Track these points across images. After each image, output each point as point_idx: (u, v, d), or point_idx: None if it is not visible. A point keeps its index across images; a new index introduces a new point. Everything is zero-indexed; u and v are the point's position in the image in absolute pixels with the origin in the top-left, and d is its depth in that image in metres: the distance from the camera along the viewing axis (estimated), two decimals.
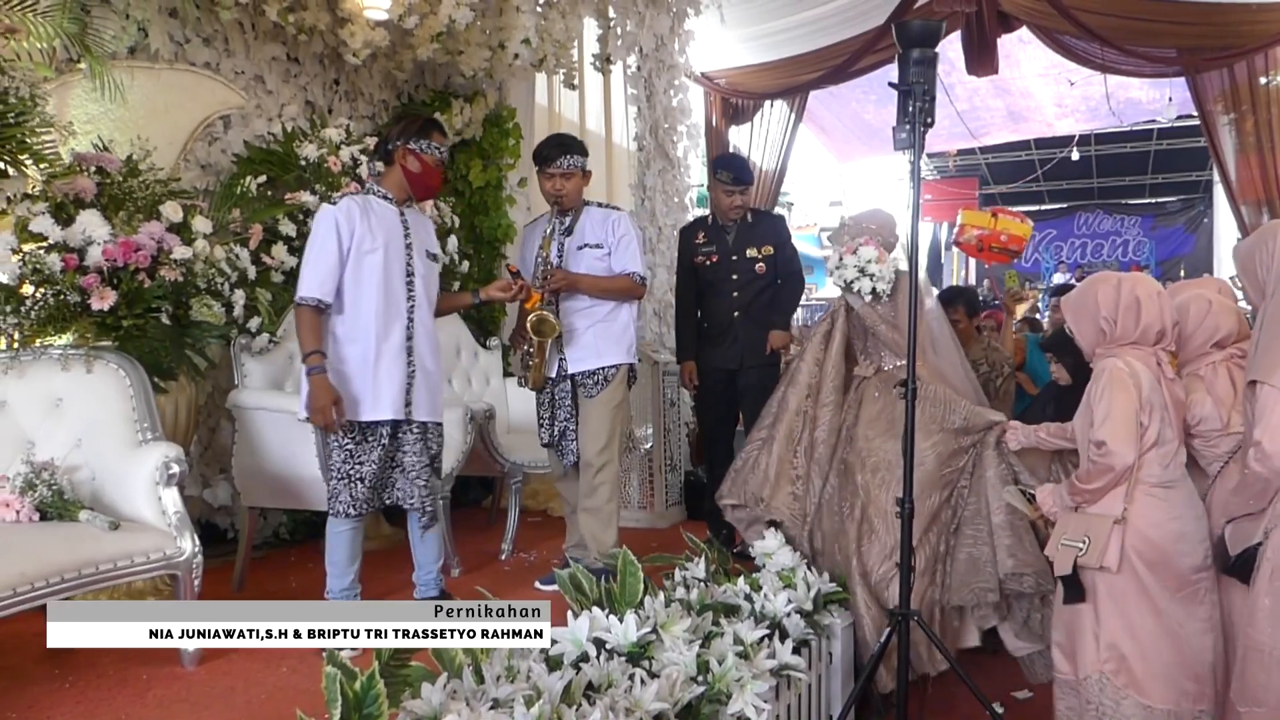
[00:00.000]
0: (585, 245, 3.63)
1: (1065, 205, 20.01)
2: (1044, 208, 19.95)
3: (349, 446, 3.06)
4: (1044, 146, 15.87)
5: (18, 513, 2.74)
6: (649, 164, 6.17)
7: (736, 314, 4.19)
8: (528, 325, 3.48)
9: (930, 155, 16.03)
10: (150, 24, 4.07)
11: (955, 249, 16.11)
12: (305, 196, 4.09)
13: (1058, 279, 16.19)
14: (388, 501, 3.21)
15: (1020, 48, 8.64)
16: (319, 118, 4.78)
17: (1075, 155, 15.85)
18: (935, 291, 3.98)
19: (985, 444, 3.14)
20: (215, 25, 4.36)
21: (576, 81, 5.69)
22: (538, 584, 3.79)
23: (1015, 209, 13.96)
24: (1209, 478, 2.51)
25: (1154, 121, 12.97)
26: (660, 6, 5.38)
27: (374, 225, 3.06)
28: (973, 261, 19.12)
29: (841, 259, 3.38)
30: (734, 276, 4.21)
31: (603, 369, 3.63)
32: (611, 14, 5.49)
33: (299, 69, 4.88)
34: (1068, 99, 10.81)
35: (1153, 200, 19.46)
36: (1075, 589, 2.48)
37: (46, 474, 2.83)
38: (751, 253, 4.22)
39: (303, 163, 4.27)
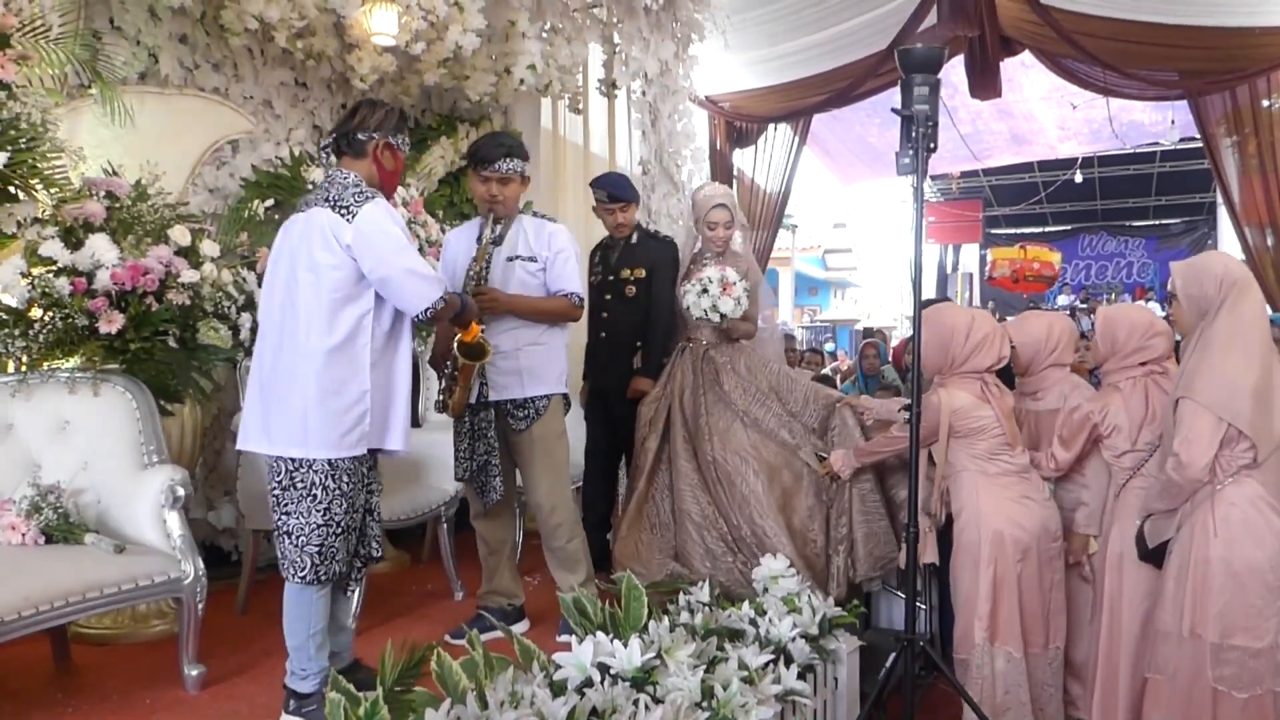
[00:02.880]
0: (516, 258, 3.29)
1: (1069, 227, 20.07)
2: (1047, 230, 20.02)
3: (351, 493, 2.62)
4: (1047, 169, 15.95)
5: (24, 535, 2.75)
6: (654, 188, 6.20)
7: (603, 335, 4.06)
8: (455, 349, 3.08)
9: (933, 178, 16.10)
10: (160, 50, 4.11)
11: (989, 285, 16.23)
12: None
13: (1062, 301, 16.22)
14: (362, 552, 2.78)
15: (1023, 71, 8.69)
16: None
17: (1078, 178, 15.92)
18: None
19: (845, 423, 3.56)
20: (224, 51, 4.40)
21: (581, 106, 5.73)
22: (560, 638, 3.15)
23: (1016, 231, 14.05)
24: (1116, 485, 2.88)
25: (1157, 144, 13.02)
26: (665, 32, 5.43)
27: None
28: (977, 285, 19.18)
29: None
30: (606, 297, 4.07)
31: (532, 400, 3.30)
32: (616, 40, 5.54)
33: (307, 94, 4.92)
34: (1070, 122, 10.86)
35: (1156, 222, 19.52)
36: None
37: (53, 497, 2.84)
38: (625, 273, 4.04)
39: (310, 186, 4.30)
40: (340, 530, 2.60)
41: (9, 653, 2.86)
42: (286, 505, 2.56)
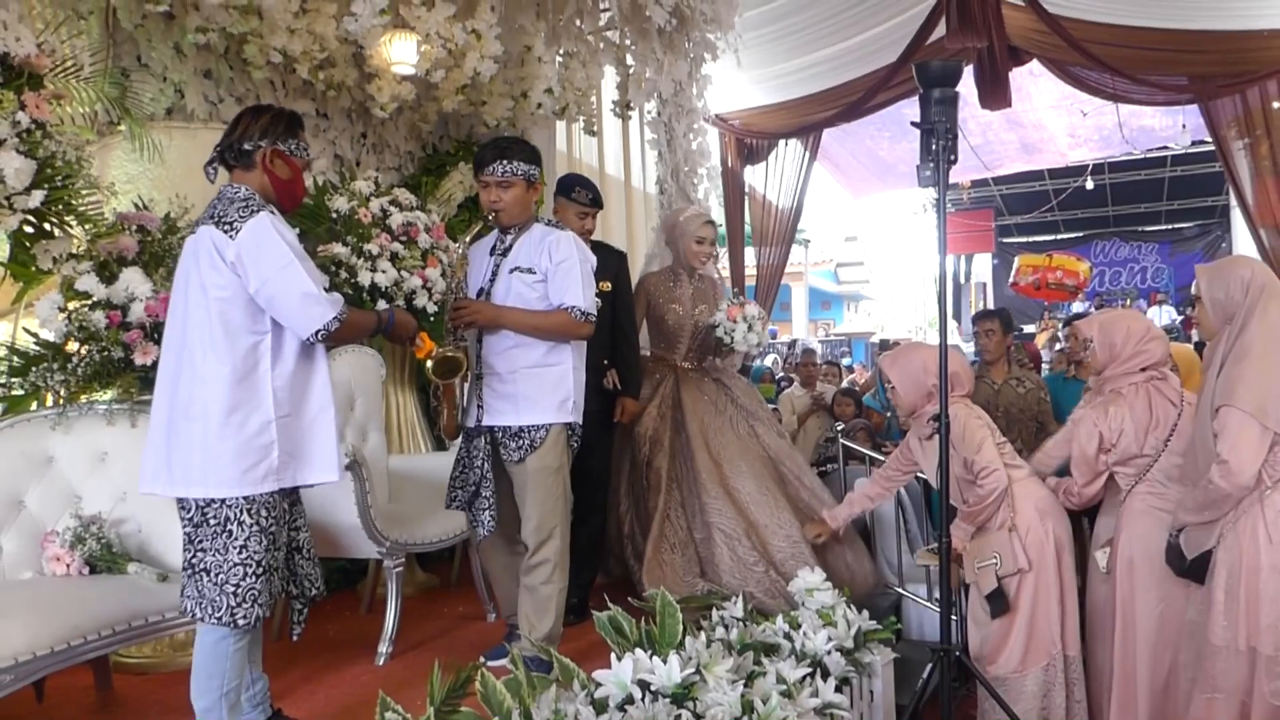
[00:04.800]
0: (516, 269, 3.02)
1: (1081, 234, 20.03)
2: (1060, 237, 19.98)
3: (271, 529, 2.40)
4: (1058, 176, 15.94)
5: (68, 566, 2.80)
6: (670, 207, 6.25)
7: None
8: (429, 367, 2.89)
9: None
10: (186, 85, 4.19)
11: (1013, 291, 16.23)
12: (337, 248, 4.17)
13: (1076, 308, 16.16)
14: (296, 591, 2.60)
15: (1031, 80, 8.72)
16: (348, 170, 4.88)
17: (1090, 184, 15.91)
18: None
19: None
20: (248, 84, 4.48)
21: (596, 128, 5.79)
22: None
23: (1029, 239, 14.08)
24: (1120, 491, 2.91)
25: (1168, 148, 13.02)
26: (678, 52, 5.48)
27: None
28: (990, 295, 19.15)
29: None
30: None
31: (526, 429, 2.98)
32: (630, 61, 5.60)
33: (328, 124, 4.99)
34: (1080, 129, 10.87)
35: (1170, 226, 19.46)
36: (1001, 602, 2.97)
37: (95, 527, 2.89)
38: None
39: (334, 215, 4.36)
40: (260, 570, 2.36)
41: (54, 682, 2.88)
42: (200, 542, 2.36)
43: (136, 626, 2.68)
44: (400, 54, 4.41)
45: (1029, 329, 14.98)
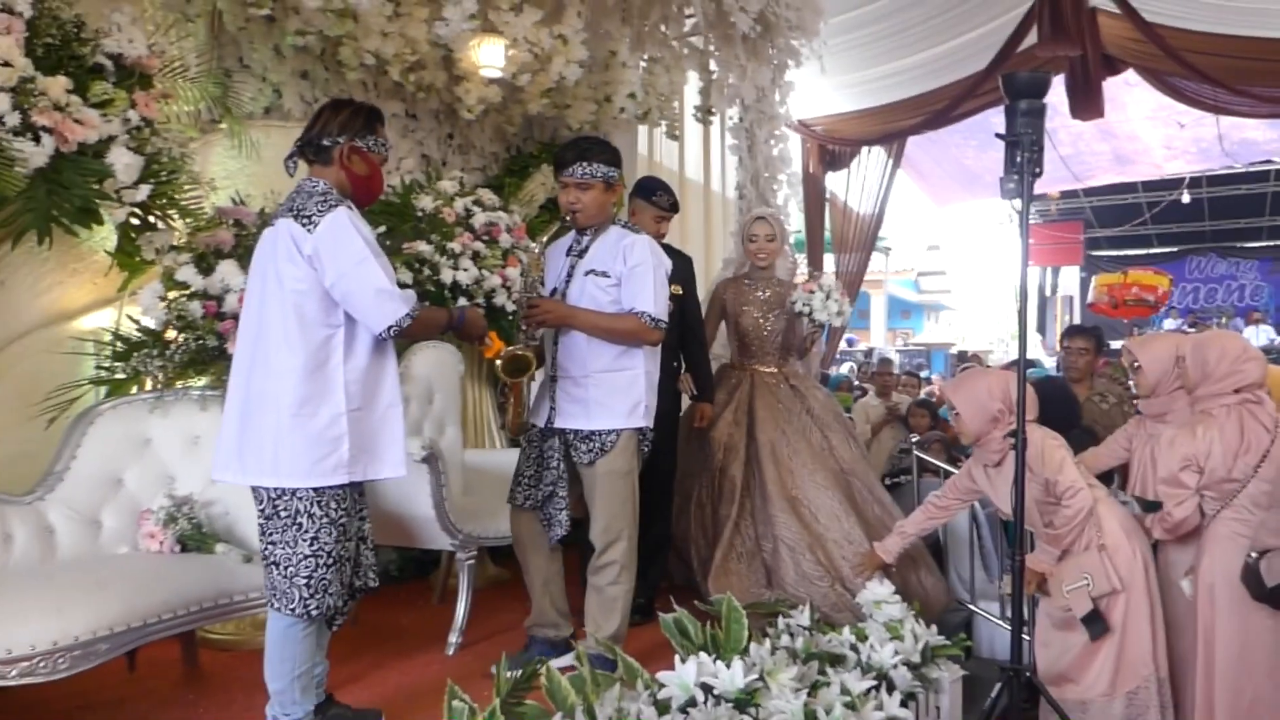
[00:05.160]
0: (591, 272, 3.01)
1: (1175, 249, 19.35)
2: (1153, 251, 19.34)
3: (342, 520, 2.44)
4: (1152, 189, 15.44)
5: (161, 544, 2.94)
6: (748, 213, 6.24)
7: None
8: (498, 365, 2.90)
9: (1032, 199, 15.75)
10: (284, 86, 4.35)
11: (1091, 312, 15.85)
12: (421, 246, 4.28)
13: (1168, 325, 15.64)
14: (358, 583, 2.61)
15: (1126, 90, 8.47)
16: (434, 170, 5.01)
17: (1186, 197, 15.36)
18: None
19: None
20: (341, 85, 4.62)
21: (678, 133, 5.83)
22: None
23: (1119, 253, 13.67)
24: (1203, 515, 2.84)
25: (1271, 162, 12.51)
26: (762, 59, 5.47)
27: None
28: (1077, 308, 18.65)
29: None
30: None
31: (597, 433, 2.98)
32: (714, 67, 5.62)
33: (416, 124, 5.12)
34: (1177, 141, 10.52)
35: (1271, 243, 18.67)
36: (1099, 623, 2.89)
37: (186, 508, 3.02)
38: None
39: (419, 214, 4.47)
40: (331, 561, 2.40)
41: (146, 654, 3.03)
42: (271, 534, 2.39)
43: (221, 604, 2.80)
44: (488, 58, 4.51)
45: (1118, 345, 14.50)
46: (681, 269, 3.95)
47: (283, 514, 2.38)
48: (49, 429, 3.20)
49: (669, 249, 4.05)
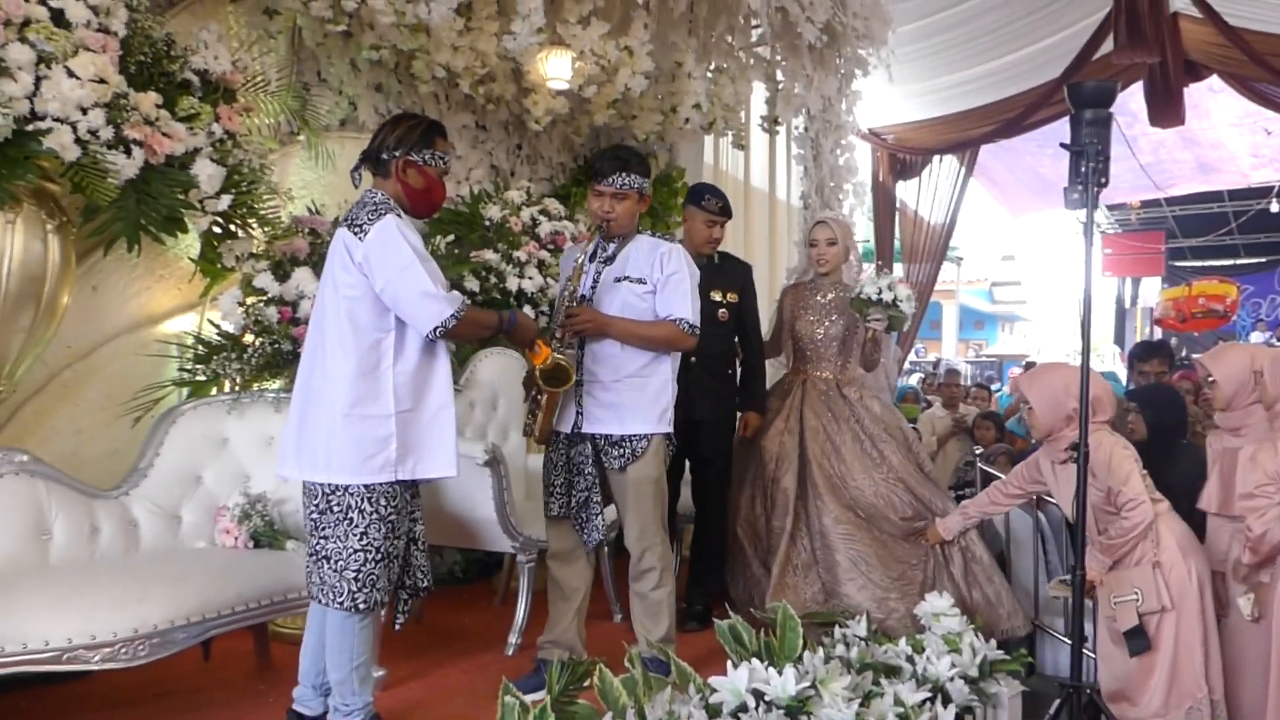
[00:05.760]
0: (624, 278, 3.04)
1: (1263, 260, 18.61)
2: (1240, 262, 18.63)
3: (391, 517, 2.54)
4: (1239, 197, 14.89)
5: (236, 539, 3.07)
6: (812, 221, 6.23)
7: (693, 359, 3.59)
8: (537, 374, 2.91)
9: (1110, 208, 15.34)
10: (359, 98, 4.49)
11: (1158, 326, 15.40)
12: (488, 254, 4.38)
13: (1255, 338, 15.07)
14: (410, 582, 2.71)
15: (1210, 97, 8.24)
16: (502, 180, 5.11)
17: (1275, 207, 14.78)
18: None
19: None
20: (414, 98, 4.76)
21: (744, 142, 5.85)
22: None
23: (1203, 264, 13.23)
24: None
25: None
26: (828, 68, 5.48)
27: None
28: None
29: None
30: None
31: (629, 438, 3.02)
32: (780, 77, 5.63)
33: (486, 135, 5.24)
34: (1265, 148, 10.17)
35: None
36: (1142, 639, 2.87)
37: (260, 505, 3.15)
38: (716, 296, 3.85)
39: (486, 223, 4.58)
40: (379, 557, 2.49)
41: (220, 645, 3.15)
42: (324, 529, 2.50)
43: (291, 599, 2.91)
44: (556, 70, 4.59)
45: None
46: (739, 276, 4.01)
47: (335, 509, 2.48)
48: (135, 428, 3.37)
49: (729, 256, 4.11)
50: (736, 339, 4.04)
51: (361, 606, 2.49)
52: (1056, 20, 6.84)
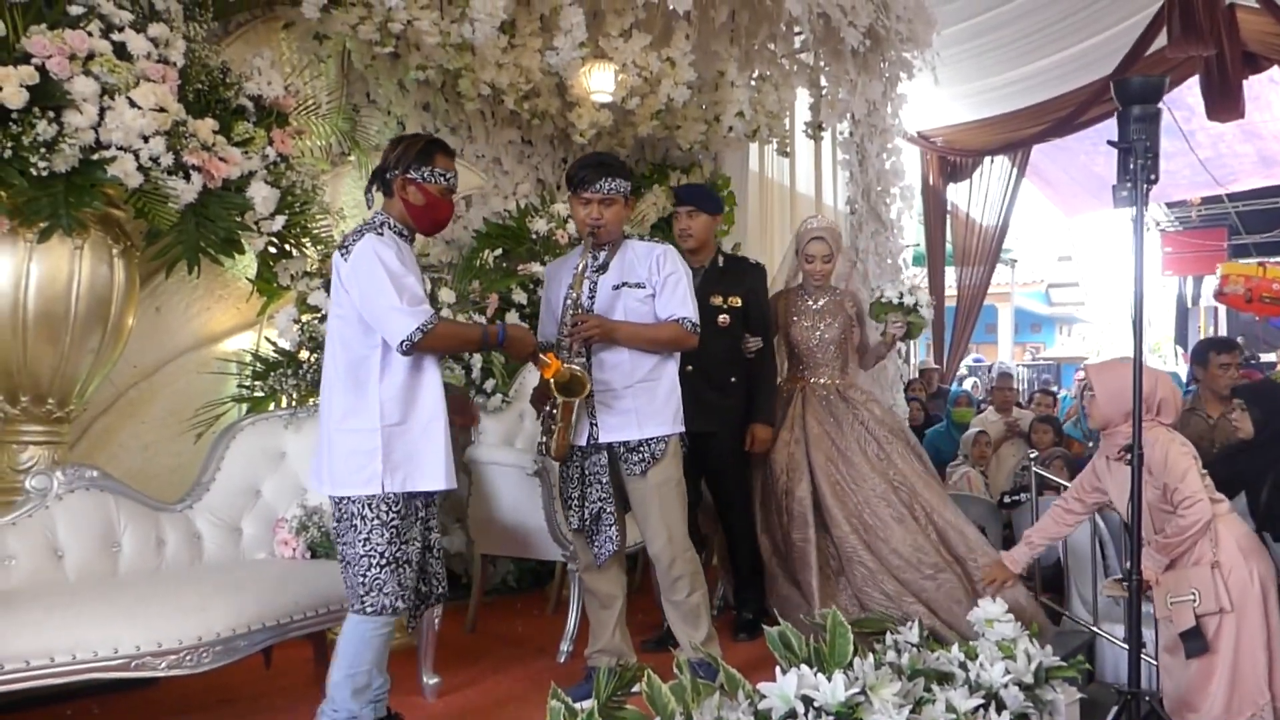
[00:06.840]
0: (624, 285, 3.02)
1: None
2: None
3: (395, 523, 2.56)
4: None
5: (294, 550, 3.15)
6: (861, 227, 6.21)
7: (689, 368, 3.47)
8: (553, 384, 2.86)
9: (1170, 205, 14.97)
10: (407, 118, 4.60)
11: (1217, 302, 14.90)
12: (535, 267, 4.44)
13: None
14: (424, 590, 2.75)
15: (1271, 88, 8.03)
16: (548, 194, 5.18)
17: None
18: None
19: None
20: (460, 115, 4.85)
21: (789, 149, 5.85)
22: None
23: (1268, 260, 12.80)
24: None
25: None
26: (873, 72, 5.46)
27: (410, 265, 2.63)
28: (1223, 318, 17.61)
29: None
30: None
31: (647, 442, 3.00)
32: (823, 82, 5.63)
33: (531, 150, 5.32)
34: None
35: None
36: (1199, 641, 2.81)
37: (316, 517, 3.22)
38: (716, 300, 3.71)
39: (533, 236, 4.64)
40: (384, 562, 2.53)
41: (280, 653, 3.24)
42: (341, 536, 2.60)
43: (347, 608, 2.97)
44: (599, 83, 4.65)
45: (1268, 358, 13.58)
46: (745, 279, 3.87)
47: (344, 518, 2.57)
48: (197, 443, 3.48)
49: (732, 258, 4.01)
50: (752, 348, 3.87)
51: (369, 609, 2.54)
52: (1104, 17, 6.73)
